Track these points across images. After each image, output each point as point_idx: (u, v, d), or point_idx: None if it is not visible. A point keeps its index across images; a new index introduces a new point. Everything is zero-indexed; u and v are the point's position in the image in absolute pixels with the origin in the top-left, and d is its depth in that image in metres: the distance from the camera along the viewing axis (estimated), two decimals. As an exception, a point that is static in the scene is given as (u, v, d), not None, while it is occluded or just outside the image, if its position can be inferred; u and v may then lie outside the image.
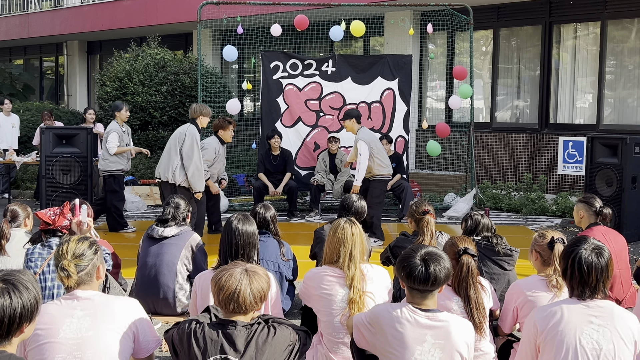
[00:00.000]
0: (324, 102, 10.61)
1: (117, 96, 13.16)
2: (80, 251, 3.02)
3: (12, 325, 2.31)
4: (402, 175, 10.20)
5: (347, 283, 3.65)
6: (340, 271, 3.71)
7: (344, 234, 3.73)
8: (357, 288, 3.63)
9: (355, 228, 3.77)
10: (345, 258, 3.69)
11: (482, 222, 4.67)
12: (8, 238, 4.49)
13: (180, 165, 7.51)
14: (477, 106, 12.87)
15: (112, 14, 17.03)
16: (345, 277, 3.68)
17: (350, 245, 3.70)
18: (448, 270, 2.98)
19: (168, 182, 7.56)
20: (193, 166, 7.50)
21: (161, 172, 7.63)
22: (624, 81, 11.51)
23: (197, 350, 2.74)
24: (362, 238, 3.78)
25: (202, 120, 7.80)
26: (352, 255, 3.70)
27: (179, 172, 7.51)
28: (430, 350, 2.90)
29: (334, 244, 3.76)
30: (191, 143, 7.52)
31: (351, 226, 3.76)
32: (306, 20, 10.02)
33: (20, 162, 10.84)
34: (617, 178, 8.07)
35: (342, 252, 3.70)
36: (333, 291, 3.67)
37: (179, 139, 7.58)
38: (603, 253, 2.95)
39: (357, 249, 3.71)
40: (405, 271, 2.95)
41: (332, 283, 3.68)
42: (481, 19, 12.16)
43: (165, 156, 7.64)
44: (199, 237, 4.94)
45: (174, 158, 7.54)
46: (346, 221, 3.78)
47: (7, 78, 18.72)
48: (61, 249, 3.03)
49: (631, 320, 2.92)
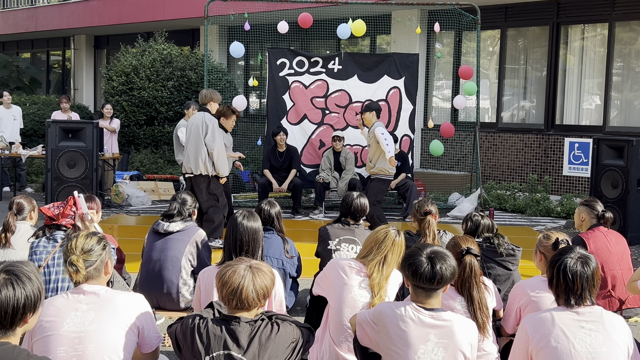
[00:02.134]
0: (330, 100, 10.61)
1: (124, 91, 13.20)
2: (89, 246, 3.03)
3: (16, 316, 2.33)
4: (407, 174, 10.20)
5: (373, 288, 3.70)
6: (364, 267, 3.75)
7: (386, 237, 3.78)
8: (381, 296, 3.70)
9: (399, 238, 3.82)
10: (376, 260, 3.75)
11: (483, 223, 4.65)
12: (14, 231, 4.50)
13: (207, 155, 7.40)
14: (483, 106, 12.85)
15: (120, 8, 17.05)
16: (367, 276, 3.71)
17: (387, 250, 3.76)
18: (454, 268, 3.00)
19: (201, 175, 7.44)
20: (217, 151, 7.39)
21: (192, 166, 7.46)
22: (631, 83, 11.48)
23: (200, 346, 2.75)
24: (401, 250, 3.82)
25: (213, 106, 7.62)
26: (387, 261, 3.76)
27: (209, 162, 7.41)
28: (433, 350, 2.90)
29: (371, 243, 3.83)
30: (212, 130, 7.39)
31: (397, 235, 3.82)
32: (310, 18, 10.02)
33: (26, 155, 10.86)
34: (622, 180, 8.05)
35: (375, 252, 3.76)
36: (350, 282, 3.73)
37: (201, 129, 7.41)
38: (589, 262, 2.97)
39: (393, 259, 3.77)
40: (411, 269, 2.97)
41: (352, 274, 3.75)
42: (489, 18, 12.13)
43: (192, 150, 7.45)
44: (204, 233, 4.95)
45: (200, 149, 7.38)
46: (394, 229, 3.85)
47: (14, 71, 18.76)
48: (70, 244, 3.04)
49: (621, 324, 2.94)
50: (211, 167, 7.43)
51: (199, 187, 7.47)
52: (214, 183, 7.49)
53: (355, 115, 10.61)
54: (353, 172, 10.24)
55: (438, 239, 4.77)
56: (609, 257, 5.04)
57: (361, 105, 10.51)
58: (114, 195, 10.60)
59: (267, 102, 10.75)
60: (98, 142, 8.85)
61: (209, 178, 7.46)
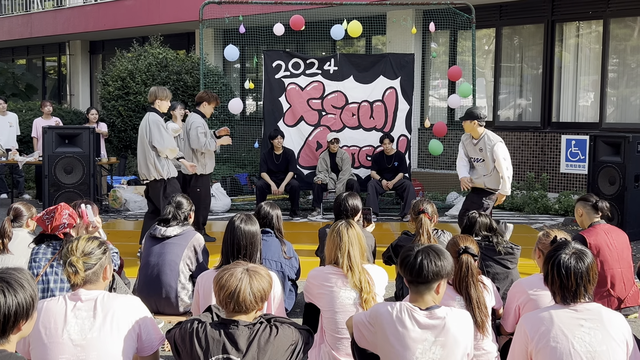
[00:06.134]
0: (326, 101, 10.61)
1: (120, 96, 13.19)
2: (89, 249, 3.03)
3: (7, 323, 2.32)
4: (404, 174, 10.19)
5: (355, 285, 3.68)
6: (340, 270, 3.73)
7: (339, 236, 3.76)
8: (367, 289, 3.68)
9: (352, 230, 3.78)
10: (343, 260, 3.72)
11: (480, 221, 4.63)
12: (10, 237, 4.45)
13: (155, 158, 7.06)
14: (480, 105, 12.85)
15: (115, 13, 17.04)
16: (346, 277, 3.70)
17: (347, 247, 3.72)
18: (441, 267, 2.94)
19: (155, 180, 7.13)
20: (170, 151, 7.08)
21: (145, 172, 7.16)
22: (627, 79, 11.49)
23: (199, 350, 2.74)
24: (359, 239, 3.79)
25: (161, 104, 7.18)
26: (351, 256, 3.72)
27: (160, 165, 7.07)
28: (431, 348, 2.90)
29: (331, 246, 3.80)
30: (158, 130, 7.03)
31: (347, 228, 3.77)
32: (302, 21, 10.02)
33: (23, 162, 10.84)
34: (619, 176, 8.06)
35: (340, 254, 3.73)
36: (336, 288, 3.71)
37: (145, 132, 7.08)
38: (583, 257, 2.93)
39: (355, 250, 3.73)
40: (402, 264, 3.00)
41: (335, 280, 3.73)
42: (483, 17, 12.14)
43: (141, 156, 7.15)
44: (202, 237, 4.95)
45: (147, 154, 7.05)
46: (342, 223, 3.80)
47: (10, 78, 18.73)
48: (70, 246, 3.04)
49: (619, 321, 2.92)
50: (165, 170, 7.11)
51: (155, 192, 7.18)
52: (173, 185, 7.20)
53: (352, 116, 10.62)
54: (350, 172, 10.24)
55: (435, 239, 4.77)
56: (609, 255, 5.04)
57: (357, 105, 10.54)
58: (112, 200, 10.59)
59: (264, 104, 10.75)
60: (95, 147, 8.84)
61: (164, 182, 7.14)
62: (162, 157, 7.10)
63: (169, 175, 7.17)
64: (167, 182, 7.18)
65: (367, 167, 10.62)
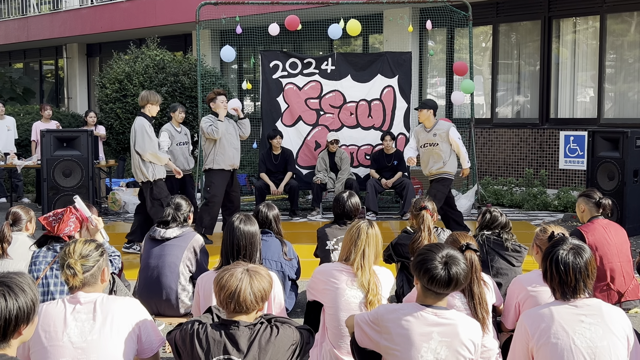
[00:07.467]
0: (324, 101, 10.60)
1: (117, 98, 13.17)
2: (87, 252, 3.03)
3: (8, 327, 2.31)
4: (403, 172, 10.19)
5: (362, 284, 3.68)
6: (349, 267, 3.73)
7: (358, 233, 3.75)
8: (374, 291, 3.68)
9: (372, 230, 3.79)
10: (356, 257, 3.72)
11: (500, 220, 4.73)
12: (9, 241, 4.45)
13: (140, 161, 7.32)
14: (478, 102, 12.85)
15: (111, 16, 17.03)
16: (355, 275, 3.70)
17: (363, 246, 3.73)
18: (467, 271, 2.95)
19: (143, 182, 7.43)
20: (148, 154, 7.28)
21: (138, 175, 7.45)
22: (624, 75, 11.50)
23: (200, 351, 2.74)
24: (377, 241, 3.80)
25: (151, 108, 7.43)
26: (365, 256, 3.72)
27: (144, 167, 7.33)
28: (436, 348, 2.87)
29: (347, 241, 3.80)
30: (141, 134, 7.25)
31: (368, 227, 3.78)
32: (297, 21, 10.02)
33: (22, 166, 10.83)
34: (618, 172, 8.06)
35: (354, 250, 3.74)
36: (342, 285, 3.71)
37: (132, 136, 7.38)
38: (581, 253, 2.92)
39: (370, 251, 3.74)
40: (427, 275, 2.87)
41: (342, 277, 3.72)
42: (480, 14, 12.14)
43: (132, 158, 7.46)
44: (202, 238, 4.94)
45: (135, 158, 7.37)
46: (365, 222, 3.81)
47: (7, 82, 18.72)
48: (68, 249, 3.04)
49: (620, 316, 2.91)
50: (150, 173, 7.34)
51: (143, 193, 7.51)
52: (156, 188, 7.40)
53: (350, 115, 10.62)
54: (349, 172, 10.24)
55: (435, 236, 4.78)
56: (608, 250, 5.04)
57: (355, 104, 10.53)
58: (111, 202, 10.58)
59: (262, 105, 10.74)
60: (93, 150, 8.83)
61: (151, 184, 7.39)
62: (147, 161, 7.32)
63: (154, 177, 7.39)
64: (153, 184, 7.40)
65: (366, 166, 10.62)
